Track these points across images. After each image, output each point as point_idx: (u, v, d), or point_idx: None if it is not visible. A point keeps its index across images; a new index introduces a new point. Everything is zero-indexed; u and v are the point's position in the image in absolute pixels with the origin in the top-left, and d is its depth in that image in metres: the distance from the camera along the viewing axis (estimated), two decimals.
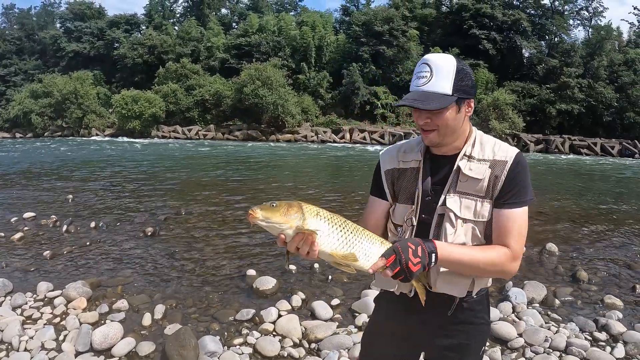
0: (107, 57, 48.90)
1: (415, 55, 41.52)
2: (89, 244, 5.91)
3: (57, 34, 52.70)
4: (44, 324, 3.70)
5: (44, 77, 43.64)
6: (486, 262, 1.39)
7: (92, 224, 6.82)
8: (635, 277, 5.24)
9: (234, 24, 54.34)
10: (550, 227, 7.70)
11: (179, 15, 58.53)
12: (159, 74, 41.27)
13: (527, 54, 44.38)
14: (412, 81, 1.44)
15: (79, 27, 51.40)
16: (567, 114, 38.07)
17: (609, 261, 5.85)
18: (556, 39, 44.74)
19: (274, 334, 3.64)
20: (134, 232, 6.60)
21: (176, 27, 52.67)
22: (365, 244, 1.32)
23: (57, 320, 3.79)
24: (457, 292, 1.48)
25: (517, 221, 1.41)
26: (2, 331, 3.49)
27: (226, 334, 3.65)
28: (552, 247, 6.14)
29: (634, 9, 55.44)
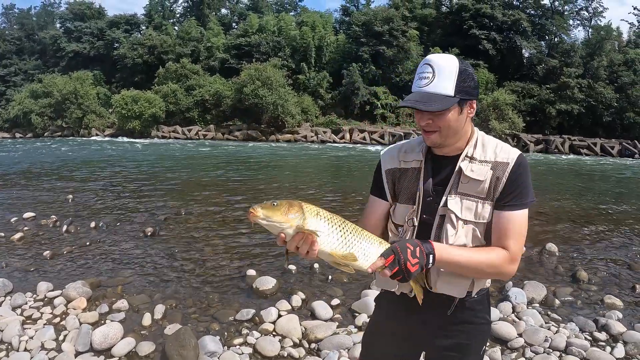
0: (107, 57, 48.90)
1: (415, 55, 41.53)
2: (89, 244, 5.91)
3: (57, 34, 52.69)
4: (44, 324, 3.70)
5: (44, 77, 43.65)
6: (484, 263, 1.40)
7: (92, 224, 6.82)
8: (635, 277, 5.24)
9: (233, 24, 54.35)
10: (550, 227, 7.70)
11: (178, 15, 58.58)
12: (158, 74, 41.27)
13: (527, 54, 44.41)
14: (414, 82, 1.44)
15: (79, 27, 51.40)
16: (567, 114, 38.08)
17: (609, 261, 5.85)
18: (556, 39, 44.76)
19: (274, 334, 3.63)
20: (134, 232, 6.60)
21: (176, 27, 52.68)
22: (364, 244, 1.32)
23: (57, 320, 3.79)
24: (457, 293, 1.49)
25: (516, 223, 1.41)
26: (2, 331, 3.49)
27: (226, 334, 3.65)
28: (552, 247, 6.14)
29: (634, 9, 55.47)
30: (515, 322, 3.84)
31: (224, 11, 58.19)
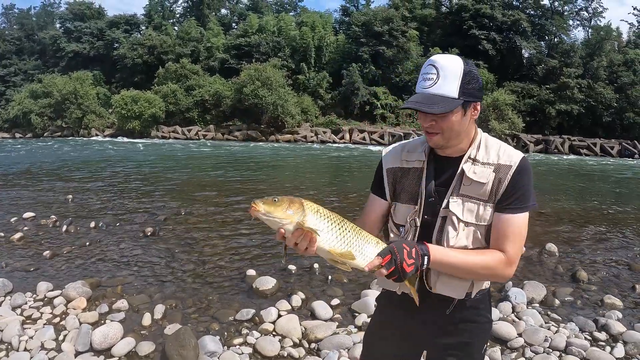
0: (106, 57, 48.90)
1: (415, 55, 41.56)
2: (88, 244, 5.90)
3: (57, 34, 52.70)
4: (44, 324, 3.70)
5: (44, 77, 43.69)
6: (479, 266, 1.40)
7: (92, 224, 6.82)
8: (635, 277, 5.24)
9: (233, 25, 54.37)
10: (550, 227, 7.70)
11: (178, 15, 58.60)
12: (158, 74, 41.28)
13: (526, 55, 44.46)
14: (418, 82, 1.43)
15: (79, 28, 51.40)
16: (566, 114, 38.11)
17: (609, 261, 5.85)
18: (556, 40, 44.79)
19: (274, 334, 3.63)
20: (134, 232, 6.60)
21: (176, 28, 52.70)
22: (362, 243, 1.34)
23: (56, 320, 3.79)
24: (456, 294, 1.49)
25: (516, 226, 1.41)
26: (2, 331, 3.49)
27: (226, 333, 3.65)
28: (551, 247, 6.15)
29: (634, 10, 55.51)
30: (515, 322, 3.84)
31: (223, 11, 58.25)
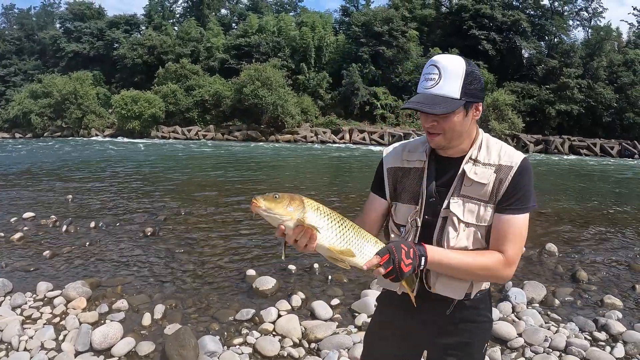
0: (106, 57, 48.90)
1: (415, 55, 41.57)
2: (88, 244, 5.90)
3: (57, 34, 52.70)
4: (44, 324, 3.69)
5: (44, 77, 43.67)
6: (477, 267, 1.40)
7: (92, 224, 6.82)
8: (634, 277, 5.24)
9: (233, 25, 54.38)
10: (550, 227, 7.70)
11: (178, 15, 58.59)
12: (158, 75, 41.27)
13: (526, 55, 44.46)
14: (420, 82, 1.42)
15: (79, 28, 51.40)
16: (566, 114, 38.12)
17: (609, 261, 5.85)
18: (556, 40, 44.80)
19: (274, 333, 3.63)
20: (134, 232, 6.60)
21: (176, 28, 52.69)
22: (361, 242, 1.35)
23: (56, 320, 3.78)
24: (455, 295, 1.49)
25: (516, 227, 1.41)
26: (1, 331, 3.49)
27: (226, 333, 3.65)
28: (551, 247, 6.15)
29: (634, 10, 55.52)
30: (515, 322, 3.84)
31: (223, 11, 58.25)
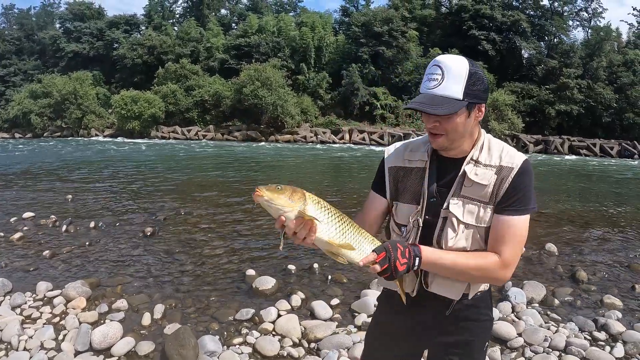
0: (106, 57, 48.93)
1: (414, 56, 41.59)
2: (88, 243, 5.90)
3: (57, 34, 52.73)
4: (44, 324, 3.69)
5: (44, 77, 43.74)
6: (472, 268, 1.39)
7: (92, 224, 6.81)
8: (634, 277, 5.24)
9: (233, 25, 54.41)
10: (549, 227, 7.70)
11: (178, 15, 58.65)
12: (158, 75, 41.30)
13: (526, 55, 44.51)
14: (423, 83, 1.41)
15: (79, 28, 51.44)
16: (566, 114, 38.15)
17: (608, 261, 5.85)
18: (555, 40, 44.85)
19: (274, 333, 3.63)
20: (134, 232, 6.59)
21: (176, 28, 52.73)
22: (359, 238, 1.36)
23: (56, 319, 3.78)
24: (452, 295, 1.48)
25: (515, 228, 1.39)
26: (1, 331, 3.49)
27: (225, 333, 3.64)
28: (551, 247, 6.15)
29: (633, 10, 55.60)
30: (514, 322, 3.84)
31: (223, 12, 58.29)
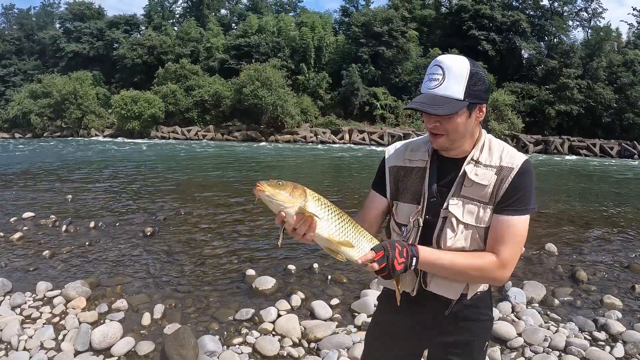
0: (106, 57, 48.93)
1: (414, 56, 41.59)
2: (88, 243, 5.90)
3: (57, 34, 52.73)
4: (43, 324, 3.69)
5: (43, 77, 43.74)
6: (470, 268, 1.39)
7: (92, 224, 6.81)
8: (634, 277, 5.24)
9: (233, 25, 54.41)
10: (549, 227, 7.70)
11: (178, 15, 58.64)
12: (158, 75, 41.29)
13: (526, 55, 44.51)
14: (424, 82, 1.41)
15: (79, 28, 51.43)
16: (566, 114, 38.16)
17: (608, 261, 5.85)
18: (555, 40, 44.85)
19: (274, 333, 3.63)
20: (133, 232, 6.59)
21: (175, 28, 52.73)
22: (358, 236, 1.36)
23: (56, 319, 3.78)
24: (450, 294, 1.48)
25: (515, 229, 1.39)
26: (1, 330, 3.49)
27: (225, 333, 3.64)
28: (551, 247, 6.15)
29: (633, 10, 55.62)
30: (514, 322, 3.84)
31: (223, 12, 58.29)
